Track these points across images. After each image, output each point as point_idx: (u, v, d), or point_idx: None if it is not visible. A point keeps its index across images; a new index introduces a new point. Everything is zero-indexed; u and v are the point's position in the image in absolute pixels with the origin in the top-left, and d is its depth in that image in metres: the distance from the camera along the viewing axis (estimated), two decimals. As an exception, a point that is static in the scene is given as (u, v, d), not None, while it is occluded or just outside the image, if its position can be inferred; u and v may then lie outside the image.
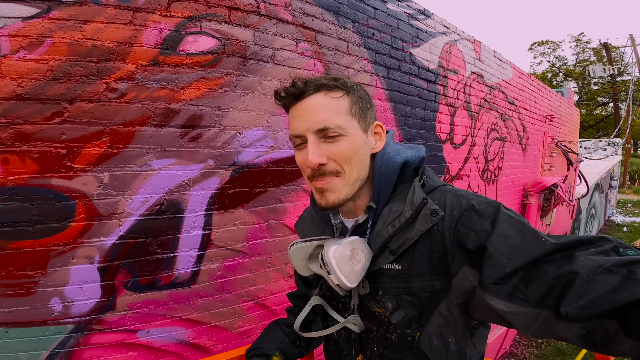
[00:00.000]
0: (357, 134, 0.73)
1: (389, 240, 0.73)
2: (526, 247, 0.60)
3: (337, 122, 0.71)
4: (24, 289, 1.28)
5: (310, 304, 0.86)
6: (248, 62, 1.63)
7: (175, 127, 1.46)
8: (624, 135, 18.46)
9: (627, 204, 15.70)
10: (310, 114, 0.71)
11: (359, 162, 0.74)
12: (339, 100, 0.72)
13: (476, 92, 3.31)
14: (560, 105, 5.91)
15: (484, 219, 0.65)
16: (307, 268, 0.81)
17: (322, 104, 0.72)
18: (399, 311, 0.73)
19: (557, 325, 0.55)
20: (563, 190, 4.80)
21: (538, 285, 0.57)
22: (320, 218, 0.88)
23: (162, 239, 1.47)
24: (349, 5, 2.05)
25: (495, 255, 0.61)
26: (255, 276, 1.74)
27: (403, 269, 0.72)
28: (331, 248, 0.71)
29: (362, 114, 0.75)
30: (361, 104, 0.75)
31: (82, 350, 1.37)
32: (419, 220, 0.71)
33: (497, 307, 0.60)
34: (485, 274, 0.61)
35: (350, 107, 0.73)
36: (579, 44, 28.57)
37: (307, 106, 0.72)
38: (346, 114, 0.72)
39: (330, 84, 0.72)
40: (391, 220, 0.73)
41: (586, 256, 0.55)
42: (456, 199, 0.70)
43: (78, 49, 1.26)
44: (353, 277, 0.71)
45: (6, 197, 1.21)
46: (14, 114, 1.20)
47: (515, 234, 0.62)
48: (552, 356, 3.84)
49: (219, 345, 1.65)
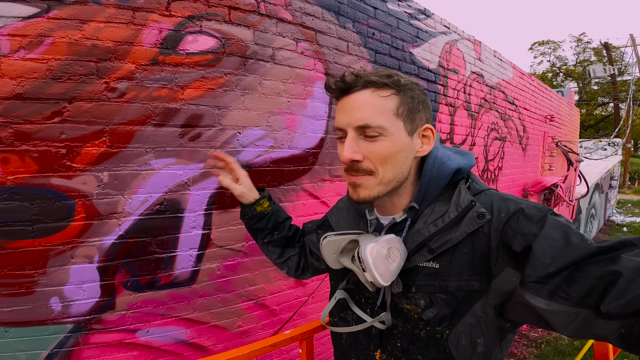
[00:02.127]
0: (400, 135, 0.72)
1: (430, 239, 0.73)
2: (570, 248, 0.61)
3: (378, 122, 0.70)
4: (23, 289, 1.28)
5: (336, 298, 0.87)
6: (248, 61, 1.63)
7: (175, 127, 1.46)
8: (624, 135, 18.45)
9: (627, 204, 15.69)
10: (354, 109, 0.71)
11: (397, 164, 0.73)
12: (386, 99, 0.71)
13: (476, 92, 3.31)
14: (561, 105, 5.91)
15: (533, 222, 0.65)
16: (338, 261, 0.81)
17: (368, 101, 0.71)
18: (431, 308, 0.73)
19: (596, 324, 0.56)
20: (563, 190, 4.79)
21: (580, 285, 0.58)
22: (356, 211, 0.89)
23: (161, 238, 1.46)
24: (349, 5, 2.05)
25: (539, 256, 0.61)
26: (255, 276, 1.74)
27: (440, 267, 0.73)
28: (368, 246, 0.70)
29: (410, 115, 0.73)
30: (411, 105, 0.73)
31: (81, 350, 1.37)
32: (465, 222, 0.71)
33: (536, 305, 0.60)
34: (528, 272, 0.62)
35: (397, 107, 0.72)
36: (579, 44, 28.57)
37: (353, 101, 0.72)
38: (391, 114, 0.71)
39: (381, 81, 0.71)
40: (433, 219, 0.74)
41: (630, 257, 0.56)
42: (504, 203, 0.71)
43: (78, 49, 1.26)
44: (388, 276, 0.71)
45: (6, 196, 1.21)
46: (13, 114, 1.20)
47: (560, 236, 0.62)
48: (551, 356, 3.84)
49: (218, 344, 1.65)
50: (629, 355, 3.46)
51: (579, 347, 3.88)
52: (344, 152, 0.71)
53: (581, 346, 3.75)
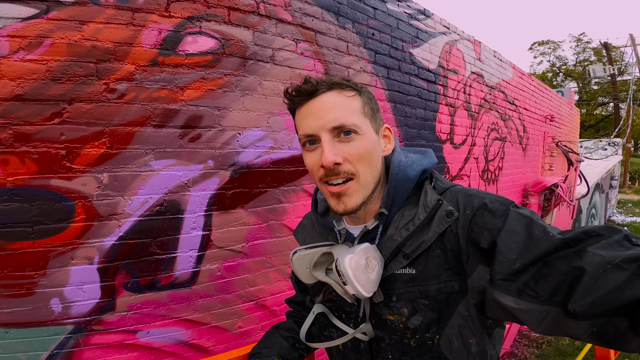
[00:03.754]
0: (371, 134, 0.72)
1: (403, 244, 0.72)
2: (534, 242, 0.59)
3: (352, 120, 0.69)
4: (23, 290, 1.28)
5: (314, 312, 0.84)
6: (248, 62, 1.63)
7: (174, 128, 1.46)
8: (624, 135, 18.44)
9: (628, 203, 15.67)
10: (324, 111, 0.69)
11: (372, 163, 0.72)
12: (352, 99, 0.71)
13: (476, 92, 3.31)
14: (561, 105, 5.90)
15: (496, 217, 0.65)
16: (311, 276, 0.78)
17: (337, 102, 0.70)
18: (416, 316, 0.72)
19: (565, 323, 0.55)
20: (563, 190, 4.79)
21: (547, 282, 0.56)
22: (322, 225, 0.86)
23: (161, 239, 1.46)
24: (348, 6, 2.05)
25: (504, 252, 0.60)
26: (255, 277, 1.73)
27: (417, 272, 0.71)
28: (346, 257, 0.68)
29: (373, 114, 0.74)
30: (372, 105, 0.74)
31: (82, 351, 1.37)
32: (435, 222, 0.70)
33: (506, 303, 0.59)
34: (495, 269, 0.61)
35: (362, 106, 0.72)
36: (579, 44, 28.56)
37: (321, 104, 0.70)
38: (359, 113, 0.71)
39: (343, 82, 0.71)
40: (404, 224, 0.72)
41: (595, 251, 0.54)
42: (468, 199, 0.70)
43: (77, 50, 1.26)
44: (369, 286, 0.69)
45: (6, 197, 1.21)
46: (13, 115, 1.20)
47: (522, 229, 0.61)
48: (552, 356, 3.83)
49: (219, 345, 1.65)
50: (630, 355, 3.45)
51: (580, 347, 3.87)
52: (326, 155, 0.67)
53: (582, 346, 3.74)
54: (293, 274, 1.00)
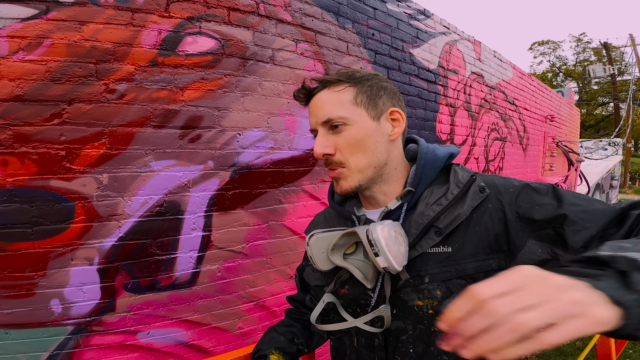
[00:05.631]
0: (363, 121, 0.75)
1: (437, 219, 0.71)
2: (600, 211, 0.63)
3: (338, 114, 0.74)
4: (23, 291, 1.27)
5: (324, 301, 0.82)
6: (247, 62, 1.63)
7: (174, 128, 1.46)
8: (624, 135, 18.43)
9: (628, 203, 15.64)
10: (317, 109, 0.76)
11: (368, 149, 0.74)
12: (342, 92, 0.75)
13: (476, 92, 3.31)
14: (561, 105, 5.90)
15: (543, 194, 0.68)
16: (328, 260, 0.76)
17: (326, 99, 0.76)
18: (450, 298, 0.68)
19: None
20: (564, 190, 4.78)
21: None
22: (337, 217, 0.86)
23: (161, 240, 1.46)
24: (348, 6, 2.05)
25: (577, 221, 0.63)
26: (256, 277, 1.73)
27: (454, 250, 0.70)
28: (378, 227, 0.66)
29: (370, 101, 0.76)
30: (370, 92, 0.76)
31: (82, 352, 1.36)
32: (470, 197, 0.70)
33: None
34: (573, 239, 0.62)
35: (355, 97, 0.75)
36: (579, 44, 28.56)
37: (315, 102, 0.77)
38: (349, 105, 0.75)
39: (335, 79, 0.76)
40: (436, 199, 0.72)
41: None
42: (506, 180, 0.73)
43: (77, 50, 1.26)
44: (400, 259, 0.67)
45: (5, 198, 1.21)
46: (12, 116, 1.20)
47: (583, 202, 0.65)
48: (553, 356, 3.83)
49: (219, 346, 1.65)
50: (630, 355, 3.45)
51: (581, 347, 3.87)
52: (315, 147, 0.75)
53: (583, 346, 3.73)
54: (298, 270, 0.99)
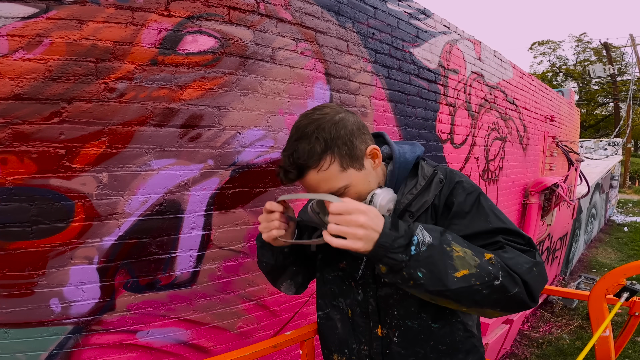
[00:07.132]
0: (356, 177, 0.87)
1: (409, 204, 0.91)
2: (474, 222, 0.85)
3: (338, 185, 0.85)
4: (22, 290, 1.27)
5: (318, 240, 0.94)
6: (248, 61, 1.63)
7: (174, 127, 1.45)
8: (624, 135, 18.42)
9: (628, 203, 15.66)
10: (314, 189, 0.86)
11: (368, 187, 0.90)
12: (329, 169, 0.83)
13: (477, 92, 3.31)
14: (561, 105, 5.90)
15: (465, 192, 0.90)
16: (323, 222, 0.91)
17: (318, 180, 0.84)
18: None
19: None
20: (564, 190, 4.79)
21: None
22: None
23: (161, 239, 1.46)
24: (349, 5, 2.05)
25: (456, 221, 0.87)
26: (256, 277, 1.73)
27: None
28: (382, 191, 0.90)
29: (350, 159, 0.86)
30: (346, 150, 0.85)
31: (81, 351, 1.36)
32: (433, 187, 0.92)
33: None
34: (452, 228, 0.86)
35: (339, 164, 0.84)
36: (579, 43, 28.54)
37: (308, 186, 0.86)
38: (339, 173, 0.84)
39: (314, 159, 0.82)
40: (409, 190, 0.93)
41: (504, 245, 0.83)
42: (451, 174, 0.94)
43: (77, 49, 1.26)
44: (383, 210, 0.87)
45: (5, 197, 1.21)
46: (12, 114, 1.20)
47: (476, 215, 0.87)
48: (552, 356, 3.83)
49: (219, 346, 1.65)
50: (630, 355, 3.46)
51: (580, 347, 3.87)
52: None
53: (582, 346, 3.73)
54: None
